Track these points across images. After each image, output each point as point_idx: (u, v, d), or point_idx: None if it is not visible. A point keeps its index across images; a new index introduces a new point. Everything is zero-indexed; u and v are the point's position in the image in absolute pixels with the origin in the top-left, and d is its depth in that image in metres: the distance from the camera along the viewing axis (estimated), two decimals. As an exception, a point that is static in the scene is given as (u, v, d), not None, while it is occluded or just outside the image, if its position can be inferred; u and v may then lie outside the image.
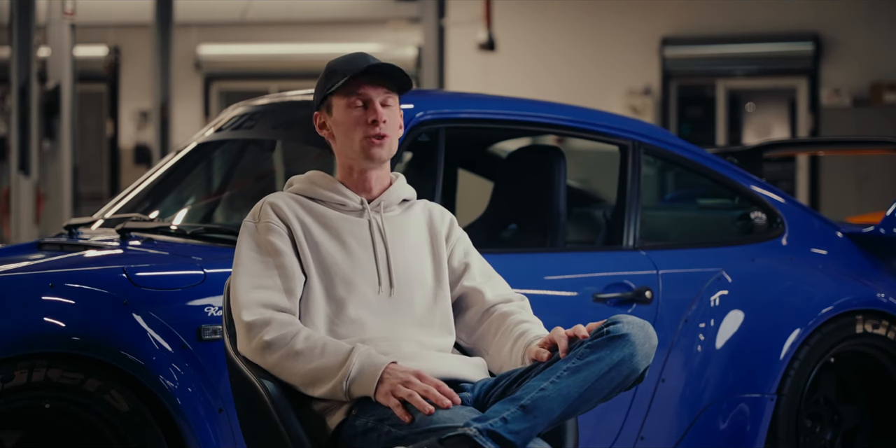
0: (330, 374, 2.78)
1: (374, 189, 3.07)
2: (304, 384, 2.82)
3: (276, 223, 2.98)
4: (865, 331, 4.28)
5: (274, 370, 2.85)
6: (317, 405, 2.87)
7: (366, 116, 2.99)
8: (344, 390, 2.77)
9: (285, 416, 2.81)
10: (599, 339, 2.73)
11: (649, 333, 2.75)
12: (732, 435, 4.09)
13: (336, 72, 3.02)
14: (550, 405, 2.66)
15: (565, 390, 2.68)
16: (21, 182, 8.81)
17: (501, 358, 2.99)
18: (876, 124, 12.33)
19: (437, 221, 3.14)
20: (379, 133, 2.98)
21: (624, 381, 2.73)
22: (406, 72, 3.02)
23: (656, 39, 13.47)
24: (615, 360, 2.71)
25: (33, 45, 8.81)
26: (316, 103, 3.08)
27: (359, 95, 3.00)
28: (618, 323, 2.75)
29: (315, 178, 3.08)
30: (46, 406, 3.23)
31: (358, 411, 2.80)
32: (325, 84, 3.04)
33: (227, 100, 14.82)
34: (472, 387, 2.90)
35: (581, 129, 4.24)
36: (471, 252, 3.16)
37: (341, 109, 3.02)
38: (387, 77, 3.02)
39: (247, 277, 2.92)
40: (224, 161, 4.62)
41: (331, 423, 2.83)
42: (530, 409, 2.65)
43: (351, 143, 3.01)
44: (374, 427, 2.75)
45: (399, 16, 13.99)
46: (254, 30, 14.66)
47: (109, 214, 4.24)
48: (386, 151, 3.01)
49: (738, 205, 4.64)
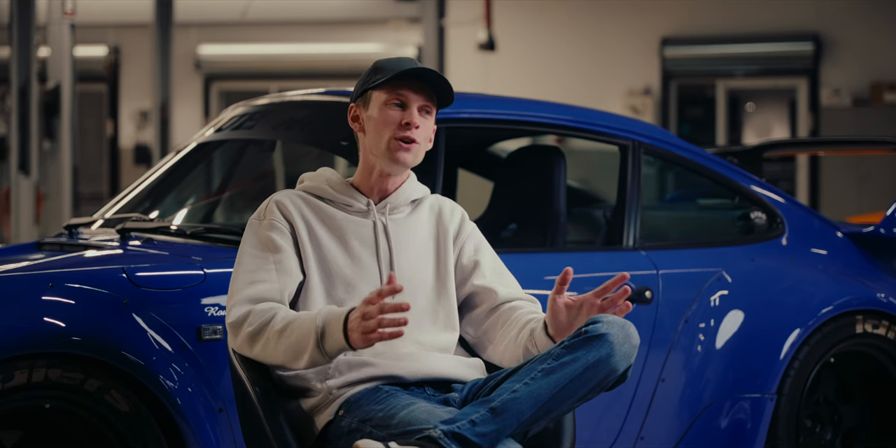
0: (304, 342, 2.77)
1: (389, 190, 3.06)
2: (289, 360, 2.81)
3: (279, 221, 2.97)
4: (865, 331, 4.28)
5: (260, 358, 2.85)
6: (306, 405, 2.88)
7: (401, 118, 2.97)
8: (321, 352, 2.76)
9: (270, 416, 2.82)
10: (577, 339, 2.71)
11: (629, 333, 2.72)
12: (732, 435, 4.09)
13: (382, 68, 2.99)
14: (520, 407, 2.65)
15: (536, 392, 2.66)
16: (21, 182, 8.81)
17: (505, 344, 2.99)
18: (876, 124, 12.33)
19: (447, 218, 3.13)
20: (409, 136, 2.96)
21: (602, 381, 2.70)
22: (452, 87, 2.99)
23: (656, 39, 13.47)
24: (591, 360, 2.68)
25: (33, 45, 8.81)
26: (354, 95, 3.06)
27: (399, 95, 2.97)
28: (597, 323, 2.72)
29: (327, 177, 3.07)
30: (46, 406, 3.23)
31: (345, 412, 2.81)
32: (368, 78, 3.01)
33: (227, 100, 14.82)
34: (461, 387, 2.90)
35: (581, 129, 4.24)
36: (482, 249, 3.14)
37: (378, 105, 2.99)
38: (431, 85, 2.99)
39: (243, 274, 2.93)
40: (224, 161, 4.62)
41: (318, 424, 2.85)
42: (500, 411, 2.64)
43: (379, 140, 2.98)
44: (357, 428, 2.77)
45: (399, 16, 13.99)
46: (254, 30, 14.66)
47: (109, 214, 4.24)
48: (412, 157, 2.98)
49: (738, 205, 4.64)
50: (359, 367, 2.88)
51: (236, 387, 2.94)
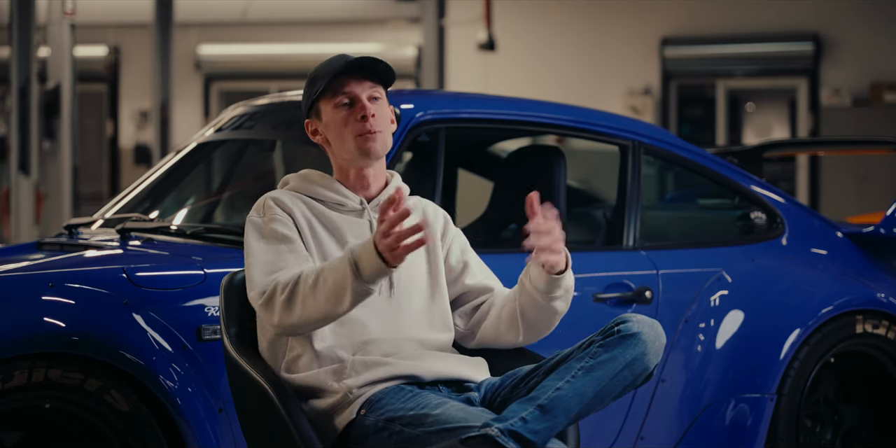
0: (343, 282, 2.73)
1: (371, 187, 3.05)
2: (333, 307, 2.76)
3: (281, 215, 2.96)
4: (865, 331, 4.28)
5: (304, 318, 2.79)
6: (322, 405, 2.87)
7: (355, 114, 2.96)
8: (361, 284, 2.71)
9: (295, 416, 2.80)
10: (611, 339, 2.75)
11: (658, 332, 2.78)
12: (732, 435, 4.09)
13: (317, 76, 2.99)
14: (568, 404, 2.68)
15: (581, 389, 2.70)
16: (21, 182, 8.81)
17: (499, 309, 3.02)
18: (876, 124, 12.33)
19: (431, 219, 3.13)
20: (370, 129, 2.95)
21: (636, 379, 2.76)
22: (387, 63, 2.99)
23: (656, 39, 13.47)
24: (628, 358, 2.73)
25: (33, 45, 8.81)
26: (305, 111, 3.06)
27: (344, 93, 2.97)
28: (628, 322, 2.77)
29: (311, 176, 3.07)
30: (46, 406, 3.23)
31: (367, 411, 2.81)
32: (309, 90, 3.02)
33: (227, 100, 14.82)
34: (477, 386, 2.92)
35: (581, 129, 4.24)
36: (467, 249, 3.17)
37: (329, 111, 2.99)
38: (369, 71, 2.99)
39: (259, 266, 2.89)
40: (224, 161, 4.62)
41: (338, 423, 2.84)
42: (548, 408, 2.67)
43: (344, 143, 2.98)
44: (385, 426, 2.76)
45: (399, 16, 13.99)
46: (254, 30, 14.66)
47: (109, 214, 4.24)
48: (380, 145, 2.98)
49: (738, 205, 4.64)
50: (376, 367, 2.88)
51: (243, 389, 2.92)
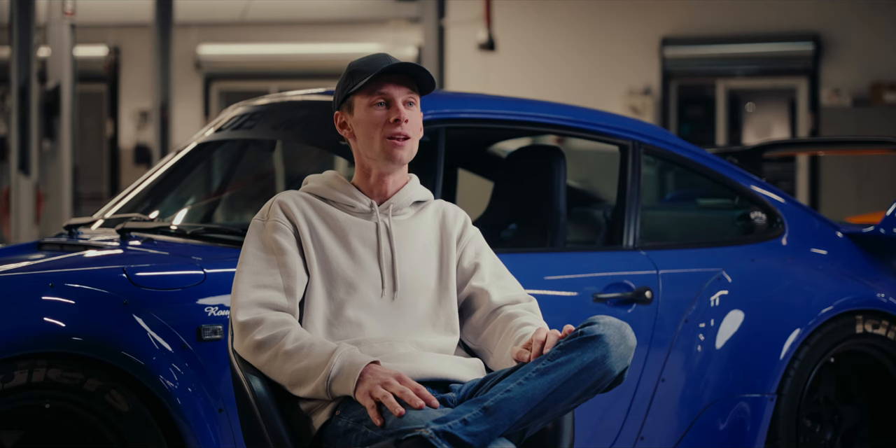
0: (314, 373, 2.79)
1: (389, 191, 3.05)
2: (291, 384, 2.83)
3: (282, 222, 2.97)
4: (865, 331, 4.28)
5: (264, 369, 2.86)
6: (303, 405, 2.88)
7: (388, 116, 2.96)
8: (325, 389, 2.77)
9: (267, 415, 2.83)
10: (572, 341, 2.70)
11: (625, 335, 2.71)
12: (732, 435, 4.09)
13: (358, 71, 2.98)
14: (513, 407, 2.64)
15: (531, 392, 2.65)
16: (21, 182, 8.81)
17: (504, 359, 2.98)
18: (876, 124, 12.33)
19: (450, 222, 3.13)
20: (401, 132, 2.95)
21: (598, 382, 2.69)
22: (430, 72, 2.99)
23: (656, 39, 13.47)
24: (586, 361, 2.67)
25: (33, 45, 8.82)
26: (337, 103, 3.05)
27: (381, 94, 2.97)
28: (593, 324, 2.72)
29: (331, 179, 3.07)
30: (46, 406, 3.23)
31: (341, 412, 2.81)
32: (346, 83, 3.01)
33: (227, 100, 14.82)
34: (459, 387, 2.90)
35: (581, 129, 4.24)
36: (483, 252, 3.15)
37: (363, 109, 2.98)
38: (410, 77, 2.99)
39: (248, 276, 2.93)
40: (224, 161, 4.62)
41: (315, 423, 2.85)
42: (493, 410, 2.63)
43: (371, 142, 2.98)
44: (353, 428, 2.76)
45: (399, 16, 13.99)
46: (254, 30, 14.66)
47: (109, 214, 4.24)
48: (407, 153, 2.98)
49: (738, 205, 4.64)
50: None
51: (236, 386, 2.94)
